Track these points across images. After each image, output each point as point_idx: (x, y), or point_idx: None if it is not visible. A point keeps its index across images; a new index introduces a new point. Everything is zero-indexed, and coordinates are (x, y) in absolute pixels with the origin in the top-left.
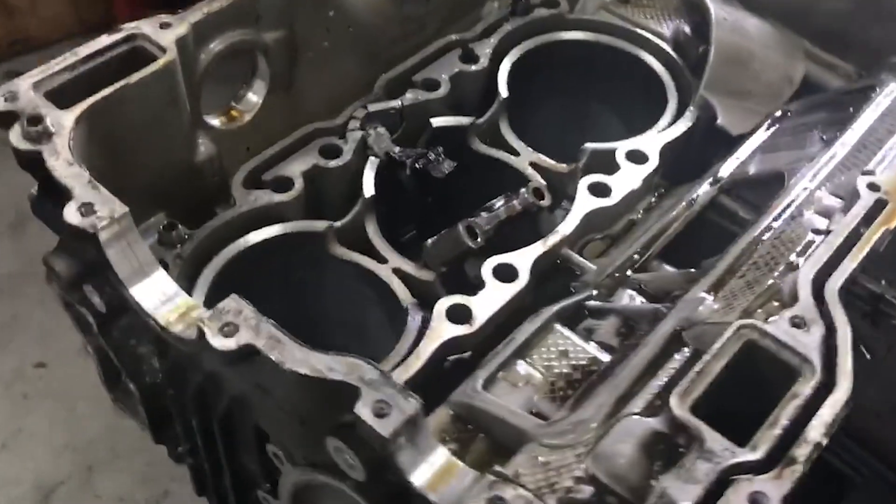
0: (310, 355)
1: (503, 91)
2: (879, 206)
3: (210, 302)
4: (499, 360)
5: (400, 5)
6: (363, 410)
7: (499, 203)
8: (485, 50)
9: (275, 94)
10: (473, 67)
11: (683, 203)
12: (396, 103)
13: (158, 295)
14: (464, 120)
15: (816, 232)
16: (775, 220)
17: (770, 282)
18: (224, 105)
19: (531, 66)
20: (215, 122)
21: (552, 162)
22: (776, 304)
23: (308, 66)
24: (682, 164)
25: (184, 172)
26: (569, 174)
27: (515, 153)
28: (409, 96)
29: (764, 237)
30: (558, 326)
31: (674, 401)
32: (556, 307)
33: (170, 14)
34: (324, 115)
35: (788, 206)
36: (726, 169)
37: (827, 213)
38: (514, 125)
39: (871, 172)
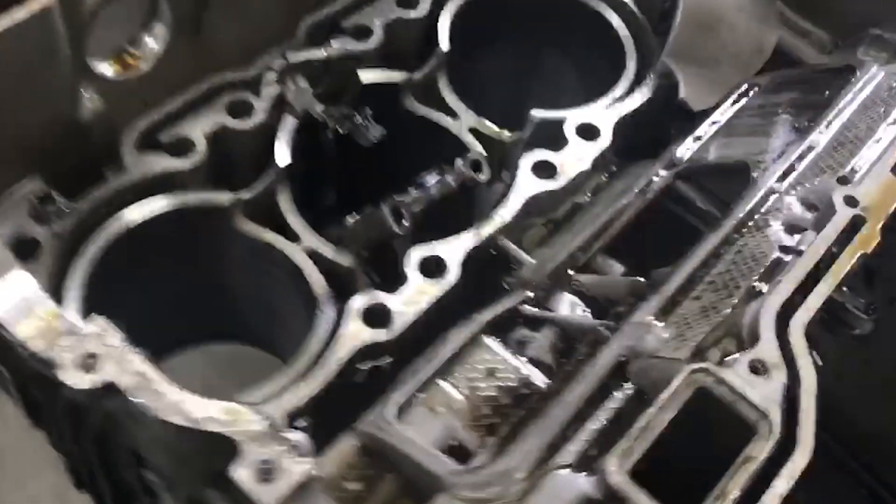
0: (184, 399)
1: (444, 43)
2: (856, 224)
3: (89, 293)
4: (417, 379)
5: None
6: (243, 473)
7: (431, 179)
8: None
9: (179, 38)
10: (412, 14)
11: (636, 189)
12: (321, 53)
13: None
14: (396, 75)
15: (784, 250)
16: (737, 229)
17: (728, 310)
18: (117, 50)
19: (477, 14)
20: (106, 71)
21: (495, 128)
22: (734, 340)
23: (219, 6)
24: (638, 137)
25: (65, 130)
26: (512, 143)
27: (455, 115)
28: (336, 45)
29: (724, 251)
30: (487, 339)
31: (611, 465)
32: (486, 315)
33: None
34: (236, 64)
35: (753, 212)
36: (684, 150)
37: (796, 227)
38: (456, 83)
39: (847, 180)
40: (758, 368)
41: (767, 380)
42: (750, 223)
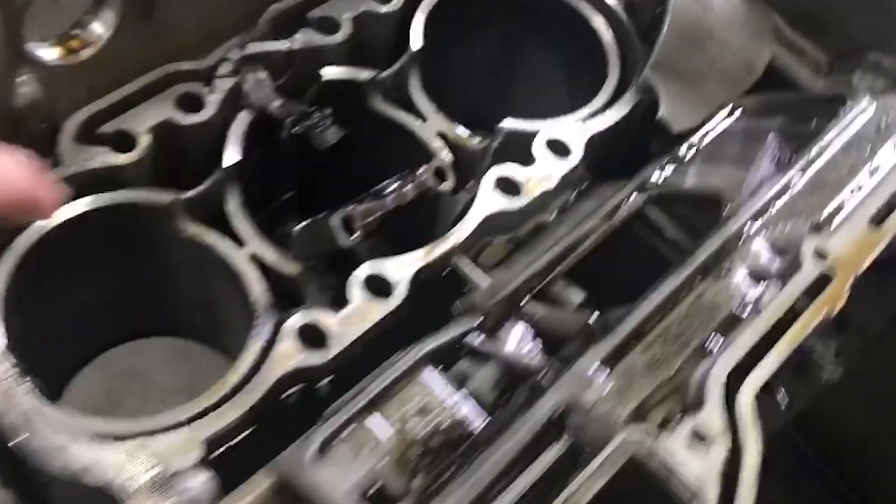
0: (67, 445)
1: (416, 41)
2: (822, 282)
3: (12, 294)
4: (344, 413)
5: None
6: None
7: (390, 186)
8: None
9: (129, 21)
10: (384, 9)
11: (604, 212)
12: (283, 45)
13: None
14: (362, 74)
15: (744, 303)
16: (699, 273)
17: (677, 366)
18: (61, 33)
19: (454, 10)
20: (47, 55)
21: (464, 134)
22: (680, 400)
23: None
24: (614, 154)
25: None
26: (481, 152)
27: (423, 118)
28: (300, 37)
29: (681, 296)
30: (426, 371)
31: None
32: (428, 344)
33: None
34: (191, 53)
35: (718, 256)
36: (658, 174)
37: (761, 275)
38: (430, 82)
39: (821, 227)
40: (700, 436)
41: (707, 452)
42: (713, 267)
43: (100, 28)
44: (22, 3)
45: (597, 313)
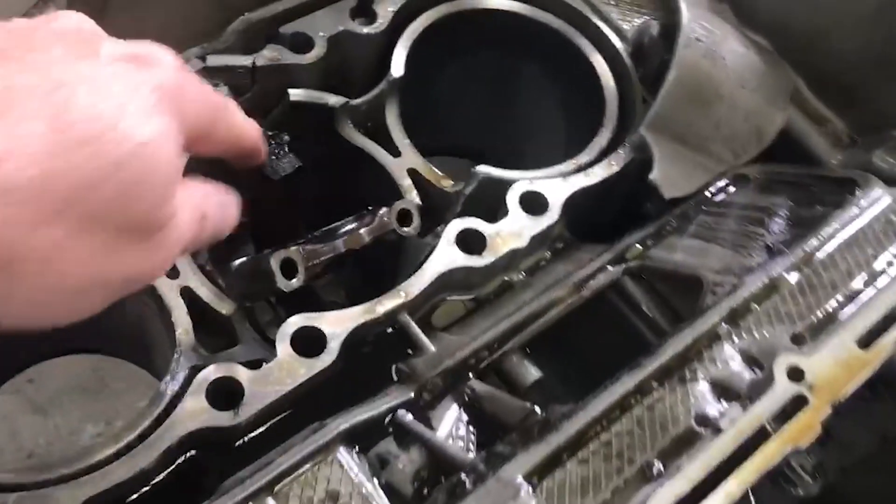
0: None
1: (397, 68)
2: (797, 404)
3: None
4: (242, 490)
5: None
6: None
7: (346, 227)
8: (387, 7)
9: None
10: (366, 30)
11: (575, 280)
12: (247, 60)
13: None
14: (332, 99)
15: (702, 421)
16: (657, 377)
17: (613, 488)
18: None
19: (443, 36)
20: None
21: (436, 173)
22: None
23: None
24: (600, 214)
25: None
26: (454, 195)
27: (396, 152)
28: (267, 54)
29: (633, 402)
30: (342, 451)
31: None
32: (350, 420)
33: None
34: None
35: (682, 358)
36: (639, 244)
37: (728, 390)
38: (406, 111)
39: (802, 339)
40: None
41: None
42: (674, 372)
43: None
44: None
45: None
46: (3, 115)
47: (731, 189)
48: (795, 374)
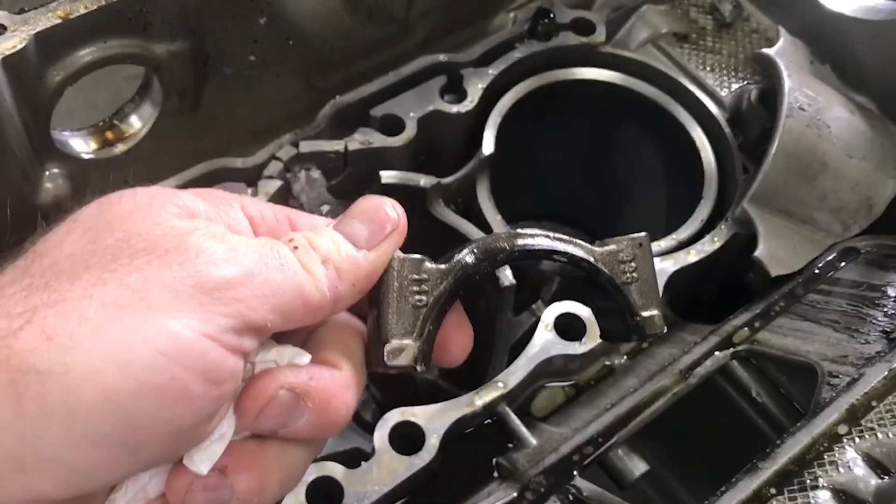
0: None
1: (488, 146)
2: None
3: None
4: None
5: (359, 16)
6: None
7: None
8: (477, 85)
9: (173, 115)
10: (455, 108)
11: (680, 367)
12: (339, 145)
13: None
14: (423, 180)
15: None
16: (773, 486)
17: None
18: (98, 124)
19: (533, 110)
20: (81, 147)
21: None
22: None
23: (224, 84)
24: (700, 291)
25: (16, 218)
26: (549, 272)
27: (488, 228)
28: (359, 138)
29: None
30: None
31: None
32: None
33: None
34: (239, 148)
35: (799, 464)
36: (746, 327)
37: (852, 497)
38: (496, 187)
39: None
40: None
41: None
42: (793, 477)
43: (137, 123)
44: (48, 103)
45: None
46: None
47: (841, 264)
48: None
